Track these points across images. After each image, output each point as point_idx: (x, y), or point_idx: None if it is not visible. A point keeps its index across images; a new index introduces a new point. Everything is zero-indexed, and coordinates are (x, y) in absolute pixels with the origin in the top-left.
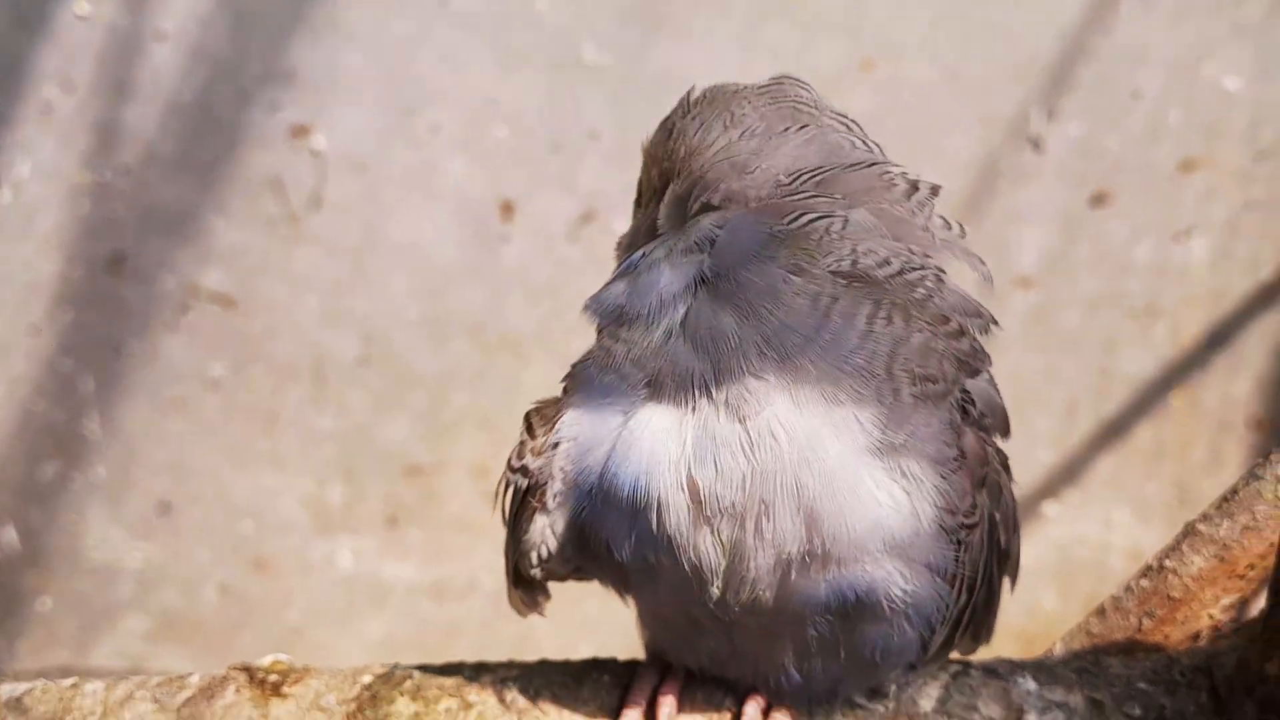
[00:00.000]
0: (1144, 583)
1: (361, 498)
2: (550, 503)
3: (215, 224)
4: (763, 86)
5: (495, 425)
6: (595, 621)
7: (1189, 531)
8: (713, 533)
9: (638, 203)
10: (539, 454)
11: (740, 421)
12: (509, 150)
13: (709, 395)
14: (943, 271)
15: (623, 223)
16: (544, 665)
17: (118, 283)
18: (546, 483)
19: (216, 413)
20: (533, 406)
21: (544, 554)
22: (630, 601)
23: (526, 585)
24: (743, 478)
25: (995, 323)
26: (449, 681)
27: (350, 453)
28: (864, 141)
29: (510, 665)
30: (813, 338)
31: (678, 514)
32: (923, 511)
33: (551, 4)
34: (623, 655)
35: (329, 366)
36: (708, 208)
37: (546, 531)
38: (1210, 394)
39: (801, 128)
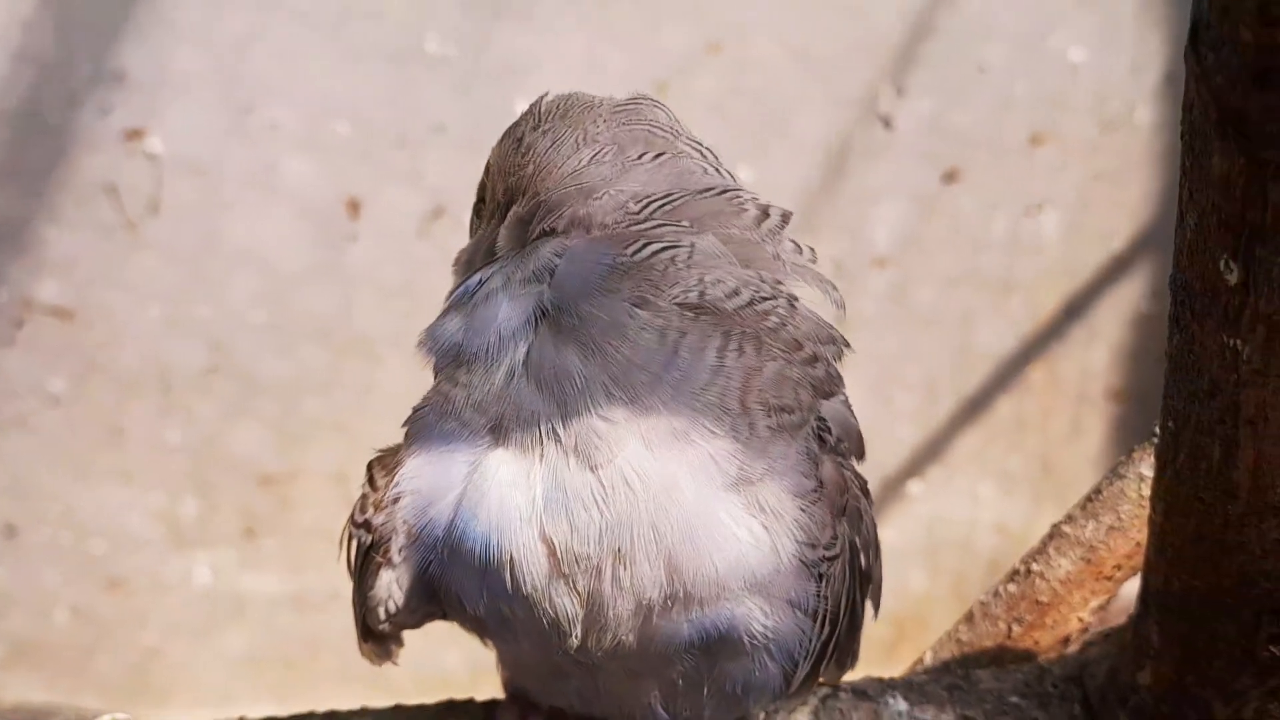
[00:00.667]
0: (1011, 587)
1: (215, 510)
2: (395, 557)
3: (48, 233)
4: (619, 105)
5: (350, 430)
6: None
7: (1054, 533)
8: (568, 585)
9: (477, 212)
10: (380, 508)
11: (592, 470)
12: (352, 146)
13: (557, 441)
14: (795, 298)
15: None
16: (398, 711)
17: None
18: (390, 537)
19: (58, 429)
20: (375, 456)
21: (391, 609)
22: (489, 644)
23: (377, 638)
24: (598, 531)
25: (848, 346)
26: None
27: (201, 465)
28: (717, 169)
29: (363, 713)
30: (661, 375)
31: (532, 571)
32: (782, 547)
33: None
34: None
35: (174, 376)
36: (550, 233)
37: (393, 586)
38: (1068, 366)
39: (656, 155)
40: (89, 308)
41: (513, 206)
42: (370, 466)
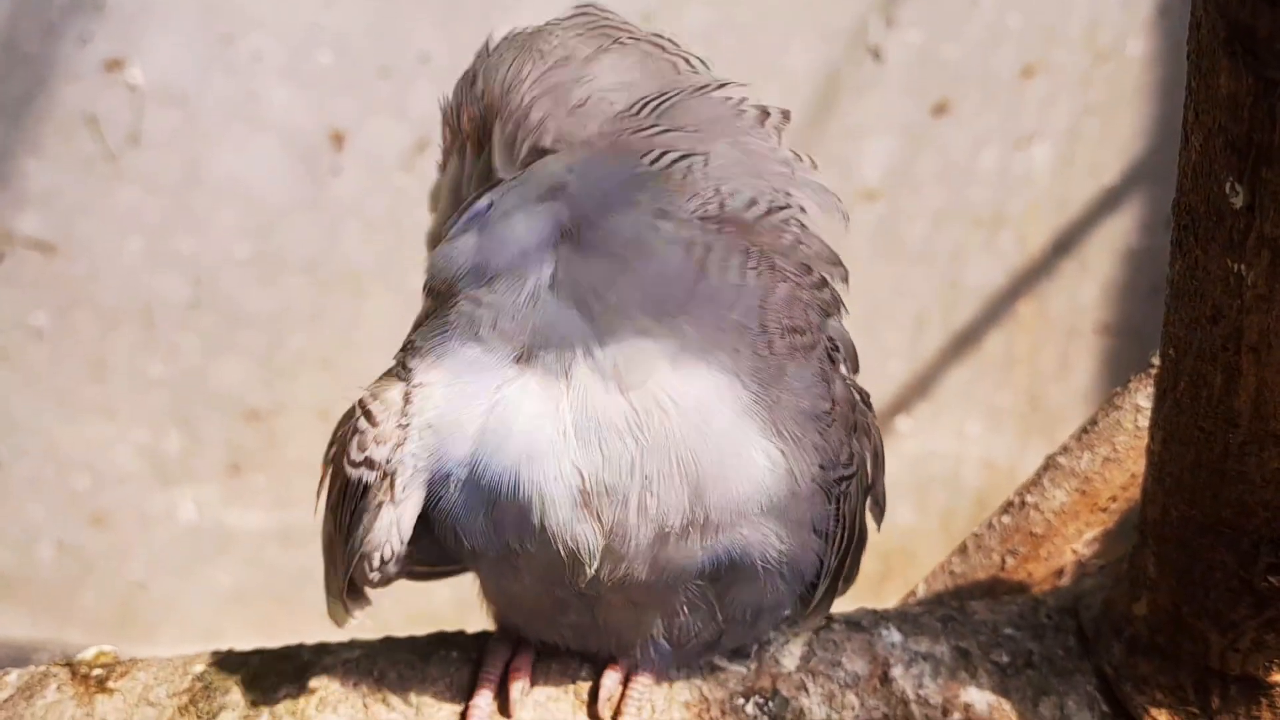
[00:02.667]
0: (1005, 519)
1: (200, 445)
2: (399, 494)
3: (28, 166)
4: (565, 17)
5: (335, 365)
6: None
7: (1049, 465)
8: (593, 516)
9: (445, 154)
10: (384, 442)
11: (623, 393)
12: (336, 77)
13: (591, 362)
14: (804, 210)
15: None
16: (388, 643)
17: None
18: (396, 472)
19: (41, 363)
20: (365, 391)
21: (388, 554)
22: (480, 579)
23: (355, 591)
24: (631, 460)
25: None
26: (287, 666)
27: (185, 399)
28: (688, 60)
29: (352, 645)
30: (691, 291)
31: (560, 505)
32: (800, 471)
33: None
34: None
35: (158, 310)
36: (538, 150)
37: (393, 530)
38: (1058, 301)
39: (614, 42)
40: (71, 241)
41: (492, 133)
42: (363, 403)
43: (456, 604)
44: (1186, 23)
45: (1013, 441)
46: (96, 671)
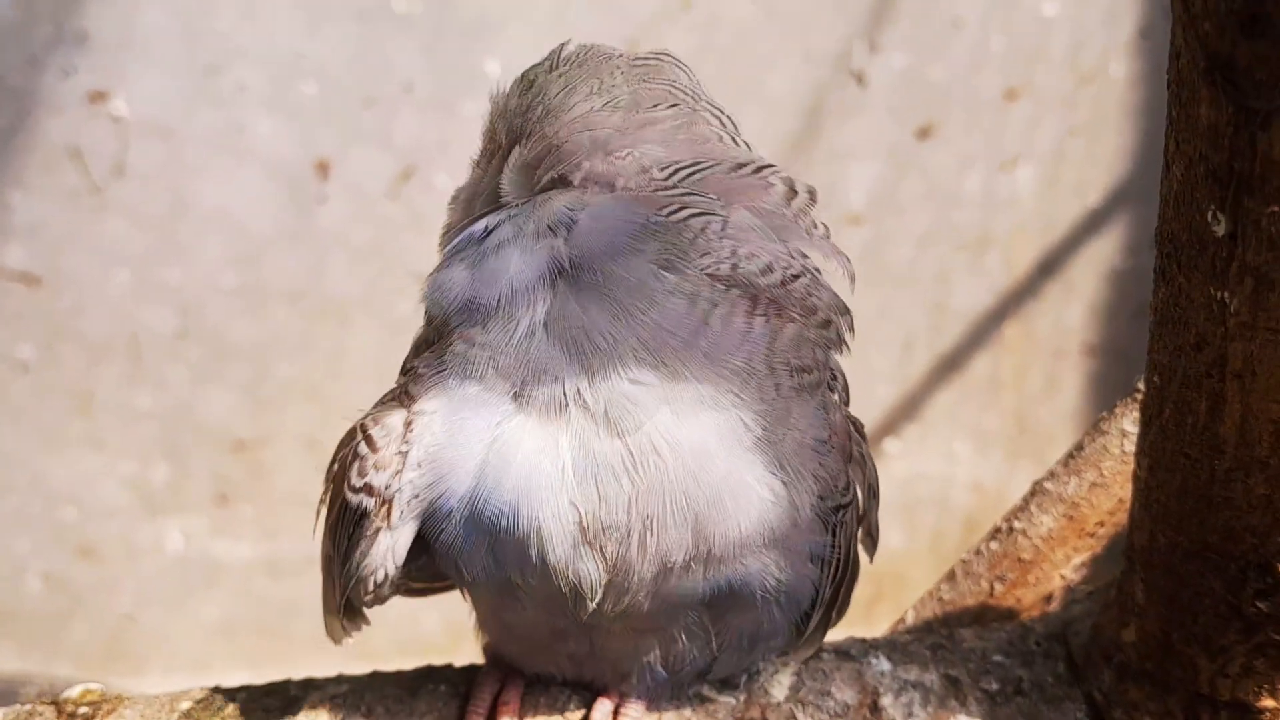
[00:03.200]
0: (993, 545)
1: (187, 476)
2: (396, 521)
3: (13, 198)
4: (640, 58)
5: (322, 394)
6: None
7: (1036, 490)
8: (594, 552)
9: (482, 157)
10: (383, 468)
11: (620, 436)
12: (321, 107)
13: (584, 405)
14: (819, 270)
15: (444, 178)
16: (376, 678)
17: None
18: (394, 500)
19: (27, 396)
20: (365, 416)
21: (382, 578)
22: (475, 609)
23: (352, 612)
24: (628, 500)
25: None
26: (274, 702)
27: (172, 430)
28: (734, 138)
29: (340, 680)
30: (691, 342)
31: (559, 541)
32: (801, 502)
33: None
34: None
35: (144, 341)
36: (560, 182)
37: (388, 555)
38: (1044, 323)
39: (671, 106)
40: (56, 273)
41: (515, 149)
42: (363, 428)
43: (446, 631)
44: (1168, 44)
45: (1001, 463)
46: (83, 709)
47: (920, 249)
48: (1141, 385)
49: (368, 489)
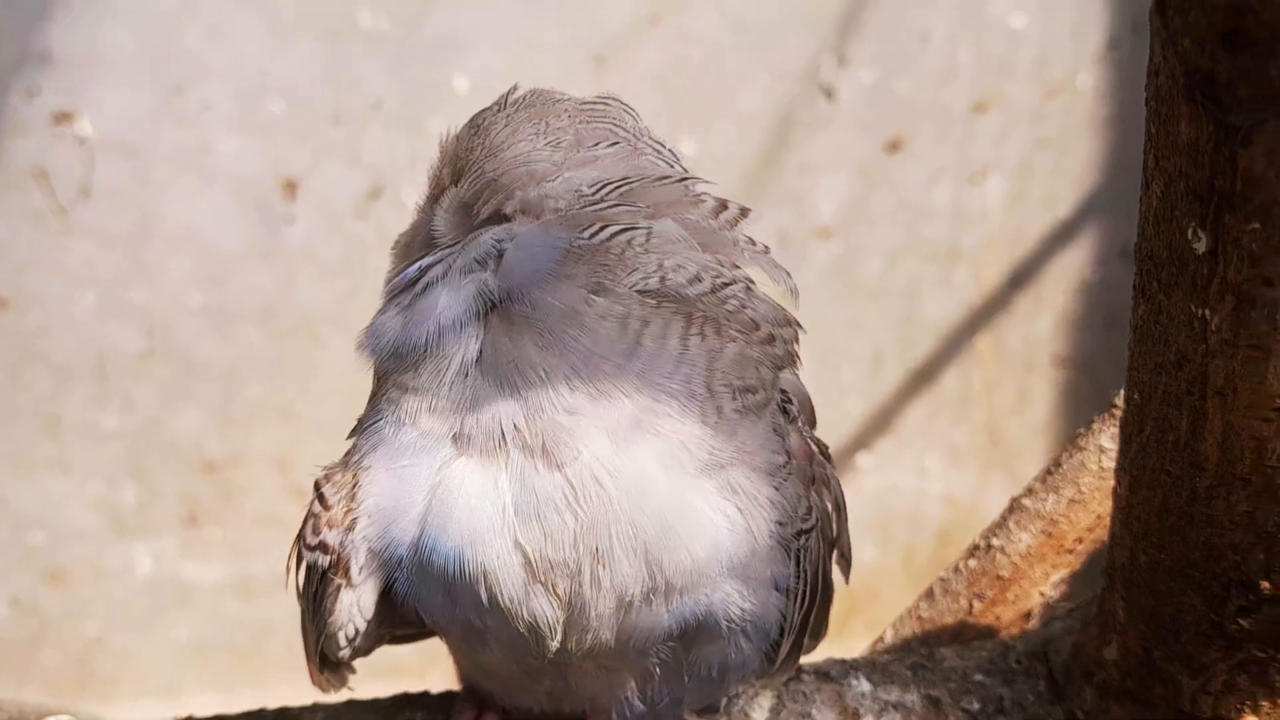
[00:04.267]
0: (971, 563)
1: (156, 498)
2: (356, 577)
3: None
4: (586, 102)
5: (292, 414)
6: None
7: (1014, 507)
8: (547, 591)
9: (427, 201)
10: (336, 526)
11: (558, 469)
12: (287, 125)
13: (521, 441)
14: (752, 281)
15: (413, 195)
16: (352, 706)
17: None
18: (350, 557)
19: None
20: (320, 473)
21: (351, 633)
22: (452, 649)
23: (333, 666)
24: (573, 535)
25: (801, 329)
26: None
27: (141, 452)
28: (672, 165)
29: (315, 709)
30: (625, 365)
31: (508, 582)
32: (758, 528)
33: None
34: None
35: (111, 363)
36: (498, 218)
37: (353, 610)
38: (1014, 335)
39: (612, 144)
40: (22, 295)
41: (451, 189)
42: (317, 485)
43: (419, 652)
44: (1135, 56)
45: (973, 476)
46: None
47: (890, 262)
48: (1119, 401)
49: (323, 546)
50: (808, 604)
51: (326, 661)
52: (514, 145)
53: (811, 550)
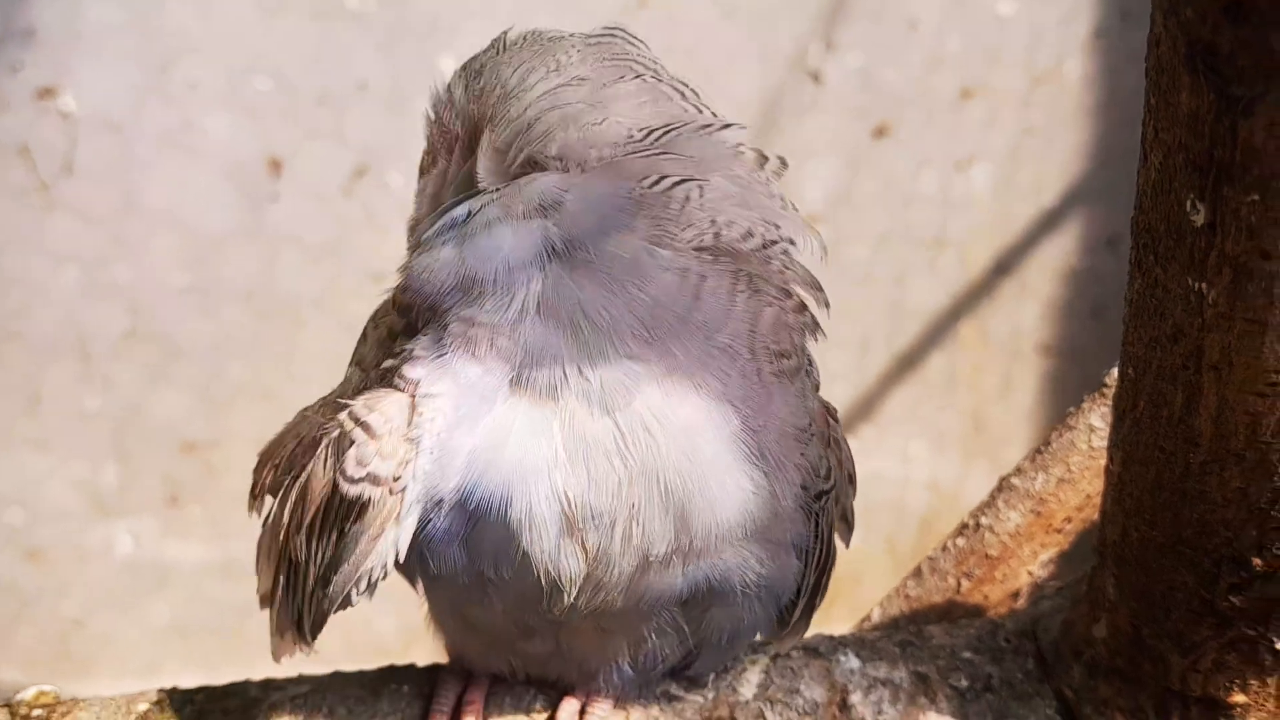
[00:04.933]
0: (960, 542)
1: (137, 478)
2: (404, 512)
3: None
4: (591, 36)
5: (275, 395)
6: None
7: (1003, 486)
8: (576, 545)
9: (432, 153)
10: (389, 457)
11: (609, 414)
12: (273, 104)
13: (581, 385)
14: (793, 243)
15: (398, 176)
16: (337, 678)
17: None
18: (406, 489)
19: None
20: (357, 401)
21: (377, 575)
22: (423, 598)
23: (316, 624)
24: (617, 483)
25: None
26: (233, 703)
27: (122, 432)
28: (699, 106)
29: (300, 681)
30: (685, 318)
31: (544, 529)
32: (782, 492)
33: None
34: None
35: (93, 342)
36: (534, 164)
37: (391, 549)
38: (999, 322)
39: (635, 78)
40: (3, 272)
41: (482, 136)
42: (354, 414)
43: (399, 633)
44: (1123, 43)
45: (957, 463)
46: (37, 712)
47: (877, 248)
48: (1109, 380)
49: (372, 478)
50: (822, 565)
51: (316, 620)
52: (534, 86)
53: (829, 511)
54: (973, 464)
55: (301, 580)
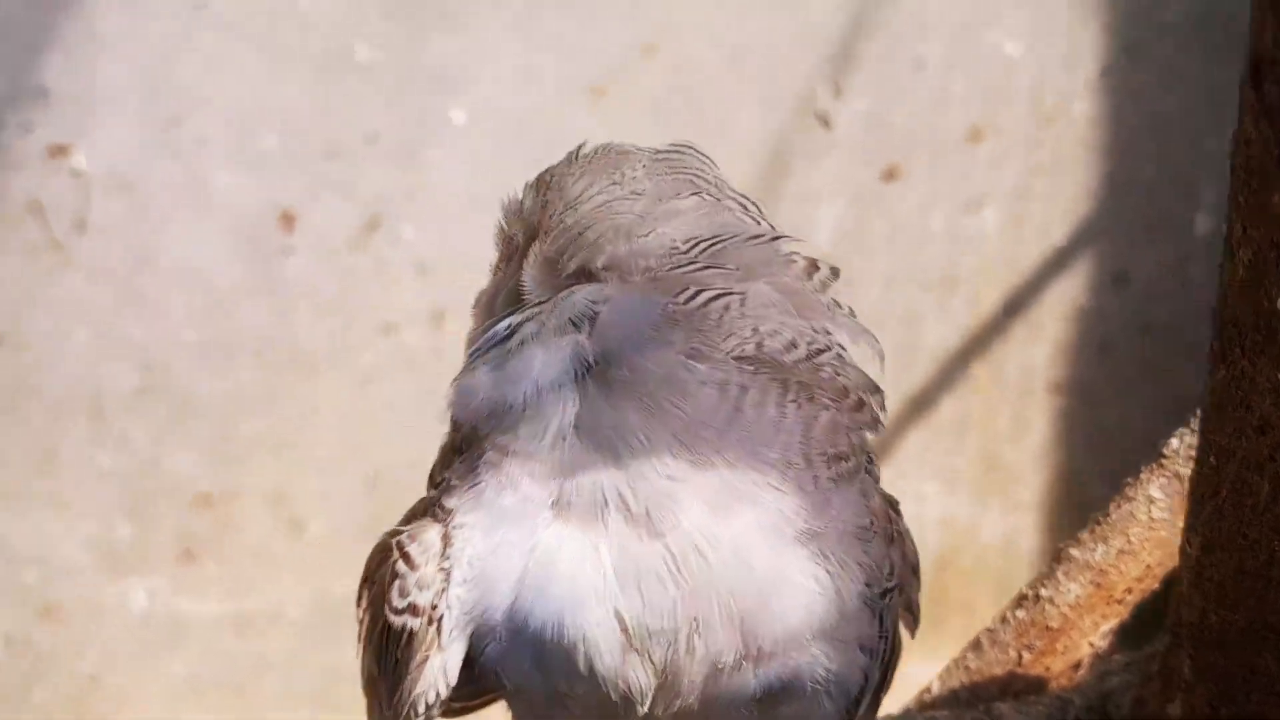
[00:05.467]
0: (1020, 614)
1: (152, 534)
2: (446, 640)
3: None
4: (661, 151)
5: (289, 449)
6: None
7: (1061, 557)
8: (643, 659)
9: (500, 261)
10: (426, 587)
11: (658, 537)
12: (283, 158)
13: (623, 507)
14: (844, 347)
15: (410, 228)
16: None
17: None
18: (443, 618)
19: None
20: (399, 533)
21: (433, 699)
22: (508, 710)
23: None
24: (673, 603)
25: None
26: None
27: (136, 488)
28: (756, 219)
29: None
30: (725, 432)
31: (605, 650)
32: (846, 591)
33: (316, 1)
34: None
35: (107, 399)
36: (584, 274)
37: (439, 675)
38: (1010, 362)
39: (694, 193)
40: (16, 331)
41: (533, 245)
42: (398, 544)
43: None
44: (1128, 81)
45: (970, 503)
46: None
47: (887, 290)
48: (1167, 451)
49: (412, 609)
50: (889, 659)
51: None
52: (593, 198)
53: (893, 608)
54: (986, 503)
55: (380, 698)
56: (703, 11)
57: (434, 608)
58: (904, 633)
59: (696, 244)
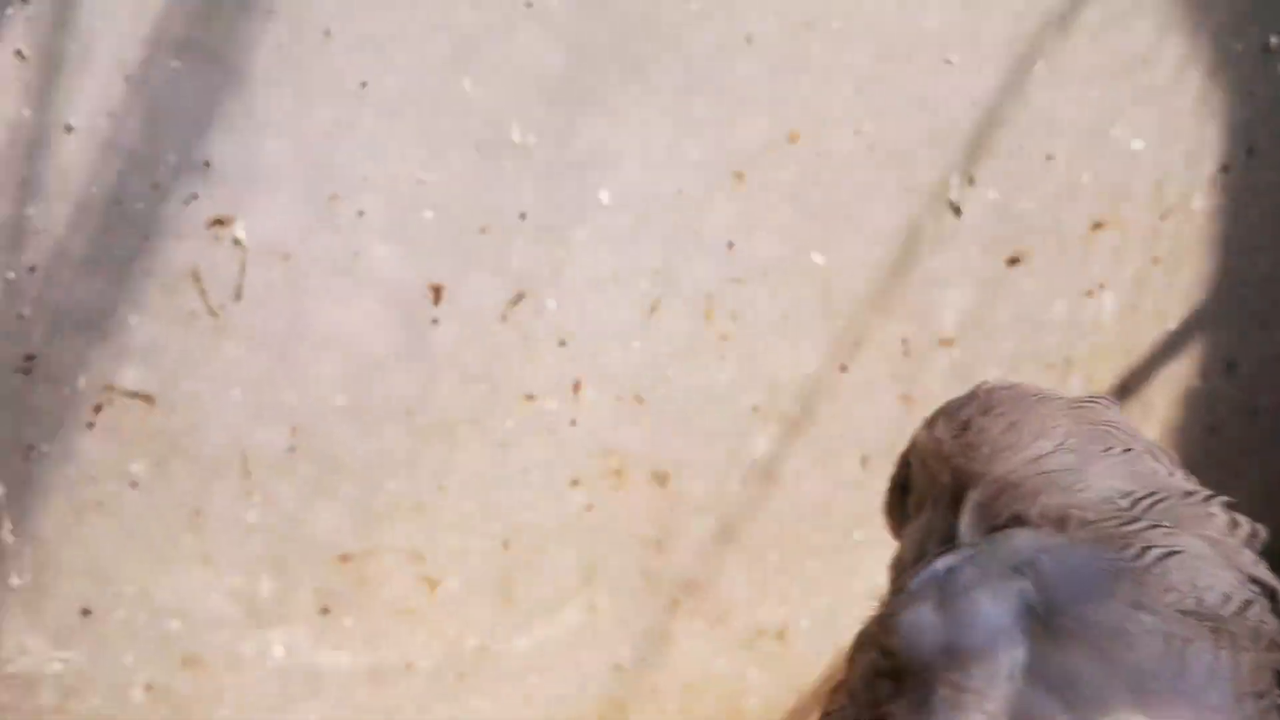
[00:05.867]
0: None
1: (293, 588)
2: None
3: (130, 320)
4: (1073, 400)
5: (428, 510)
6: (546, 697)
7: None
8: None
9: (898, 497)
10: None
11: None
12: (437, 233)
13: None
14: (1272, 599)
15: (553, 303)
16: None
17: (28, 384)
18: None
19: (138, 512)
20: None
21: None
22: None
23: None
24: None
25: None
26: None
27: (280, 544)
28: (1171, 470)
29: None
30: (1173, 685)
31: None
32: None
33: (477, 85)
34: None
35: (255, 459)
36: (1016, 520)
37: None
38: None
39: (1125, 450)
40: (171, 393)
41: (968, 491)
42: None
43: None
44: (1247, 178)
45: None
46: None
47: (1008, 370)
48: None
49: None
50: None
51: None
52: (1026, 448)
53: None
54: None
55: None
56: (845, 103)
57: None
58: None
59: (1138, 499)
